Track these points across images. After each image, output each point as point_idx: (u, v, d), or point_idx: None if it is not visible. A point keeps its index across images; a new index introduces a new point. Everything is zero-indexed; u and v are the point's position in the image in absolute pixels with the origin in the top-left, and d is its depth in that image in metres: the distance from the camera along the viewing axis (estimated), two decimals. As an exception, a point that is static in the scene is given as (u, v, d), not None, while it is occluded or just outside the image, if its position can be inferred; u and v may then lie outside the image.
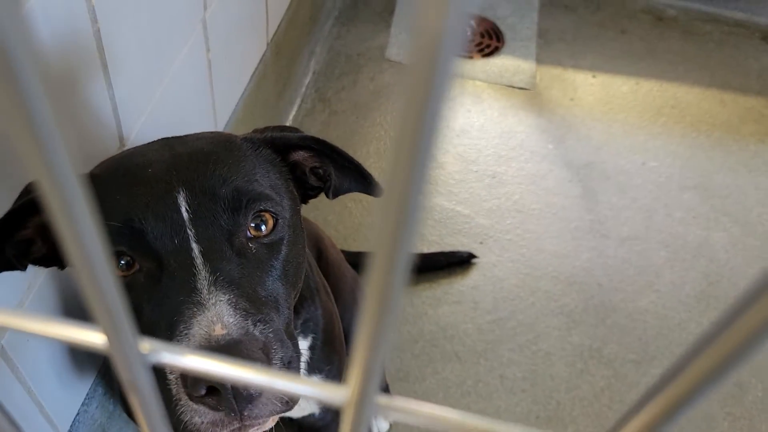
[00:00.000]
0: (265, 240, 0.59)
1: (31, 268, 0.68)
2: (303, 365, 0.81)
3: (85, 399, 0.93)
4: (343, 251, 1.18)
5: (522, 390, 1.28)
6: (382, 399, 0.20)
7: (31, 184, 0.63)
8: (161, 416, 0.24)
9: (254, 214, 0.58)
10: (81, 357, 0.90)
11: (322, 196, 0.72)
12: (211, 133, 0.67)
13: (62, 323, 0.20)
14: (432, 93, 0.13)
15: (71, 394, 0.90)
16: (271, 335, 0.53)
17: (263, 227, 0.59)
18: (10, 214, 0.58)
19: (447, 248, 1.46)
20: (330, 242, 1.11)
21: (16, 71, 0.13)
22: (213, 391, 0.50)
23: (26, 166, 0.15)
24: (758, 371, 1.32)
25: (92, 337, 0.20)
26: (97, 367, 0.95)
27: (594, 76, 1.90)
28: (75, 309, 0.84)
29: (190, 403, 0.52)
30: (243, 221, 0.57)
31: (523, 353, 1.33)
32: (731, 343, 0.15)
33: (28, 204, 0.58)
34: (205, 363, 0.20)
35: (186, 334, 0.52)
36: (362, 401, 0.19)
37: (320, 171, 0.69)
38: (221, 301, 0.53)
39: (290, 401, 0.55)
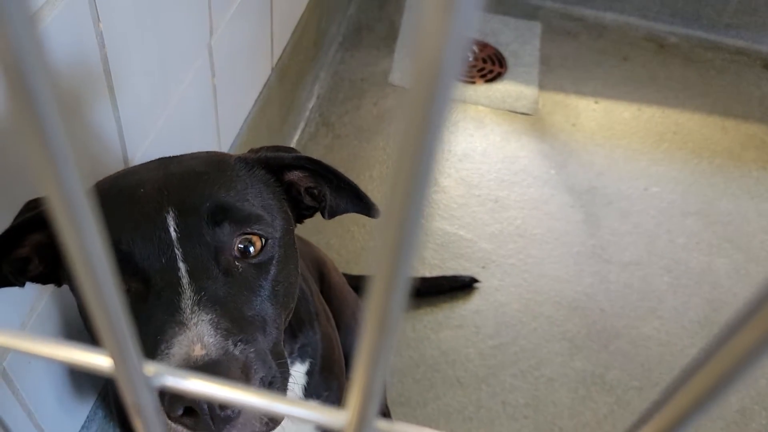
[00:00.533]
0: (254, 260, 0.59)
1: (33, 290, 0.68)
2: (300, 390, 0.81)
3: (85, 422, 0.92)
4: (345, 275, 1.19)
5: (524, 416, 1.27)
6: (382, 423, 0.20)
7: (31, 202, 0.63)
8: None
9: (242, 234, 0.58)
10: (82, 380, 0.90)
11: (323, 219, 0.72)
12: (207, 153, 0.67)
13: (68, 346, 0.20)
14: (432, 116, 0.13)
15: (71, 417, 0.90)
16: (252, 355, 0.53)
17: (251, 248, 0.59)
18: (8, 232, 0.59)
19: (449, 272, 1.46)
20: (332, 266, 1.11)
21: (32, 91, 0.14)
22: (191, 411, 0.50)
23: (38, 184, 0.15)
24: (763, 398, 1.31)
25: (98, 360, 0.20)
26: (98, 390, 0.95)
27: (596, 102, 1.91)
28: (77, 333, 0.84)
29: (169, 422, 0.52)
30: (230, 241, 0.58)
31: (526, 379, 1.32)
32: (730, 358, 0.15)
33: (27, 222, 0.59)
34: (214, 387, 0.21)
35: (167, 353, 0.52)
36: (362, 425, 0.20)
37: (315, 191, 0.70)
38: (203, 321, 0.53)
39: (271, 422, 0.55)
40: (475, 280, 1.44)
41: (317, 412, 0.20)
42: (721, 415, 1.29)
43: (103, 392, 0.96)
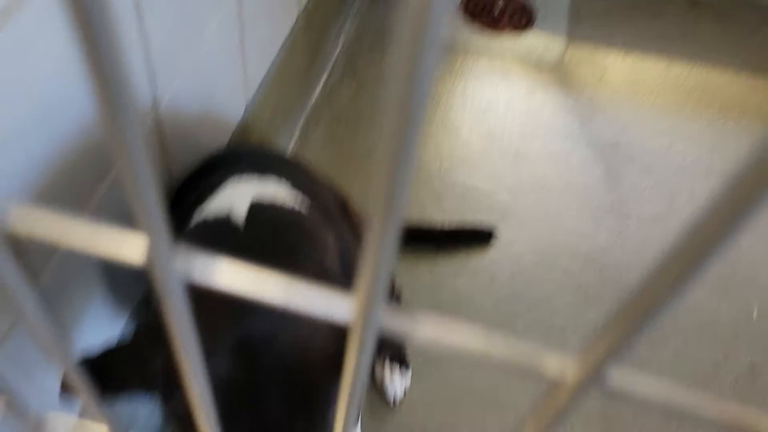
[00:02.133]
0: None
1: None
2: None
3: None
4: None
5: (535, 363, 1.30)
6: (389, 311, 0.22)
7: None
8: (192, 331, 0.26)
9: None
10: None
11: (343, 164, 0.74)
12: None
13: (100, 230, 0.23)
14: (421, 55, 0.14)
15: None
16: None
17: None
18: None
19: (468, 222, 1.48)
20: (355, 204, 1.13)
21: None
22: None
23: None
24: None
25: (132, 249, 0.22)
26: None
27: (624, 57, 1.89)
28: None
29: None
30: None
31: (538, 329, 1.35)
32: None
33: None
34: (233, 274, 0.23)
35: None
36: (369, 310, 0.22)
37: None
38: None
39: None
40: (493, 233, 1.46)
41: (324, 300, 0.22)
42: (732, 369, 1.31)
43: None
